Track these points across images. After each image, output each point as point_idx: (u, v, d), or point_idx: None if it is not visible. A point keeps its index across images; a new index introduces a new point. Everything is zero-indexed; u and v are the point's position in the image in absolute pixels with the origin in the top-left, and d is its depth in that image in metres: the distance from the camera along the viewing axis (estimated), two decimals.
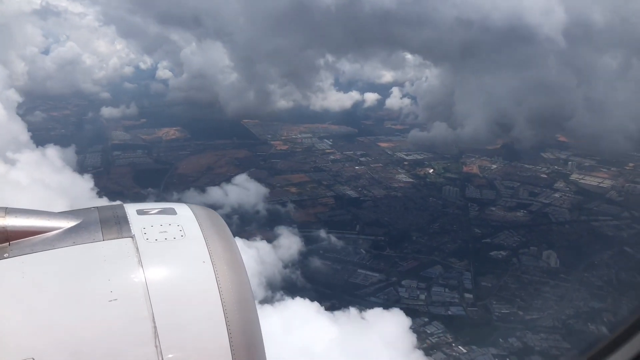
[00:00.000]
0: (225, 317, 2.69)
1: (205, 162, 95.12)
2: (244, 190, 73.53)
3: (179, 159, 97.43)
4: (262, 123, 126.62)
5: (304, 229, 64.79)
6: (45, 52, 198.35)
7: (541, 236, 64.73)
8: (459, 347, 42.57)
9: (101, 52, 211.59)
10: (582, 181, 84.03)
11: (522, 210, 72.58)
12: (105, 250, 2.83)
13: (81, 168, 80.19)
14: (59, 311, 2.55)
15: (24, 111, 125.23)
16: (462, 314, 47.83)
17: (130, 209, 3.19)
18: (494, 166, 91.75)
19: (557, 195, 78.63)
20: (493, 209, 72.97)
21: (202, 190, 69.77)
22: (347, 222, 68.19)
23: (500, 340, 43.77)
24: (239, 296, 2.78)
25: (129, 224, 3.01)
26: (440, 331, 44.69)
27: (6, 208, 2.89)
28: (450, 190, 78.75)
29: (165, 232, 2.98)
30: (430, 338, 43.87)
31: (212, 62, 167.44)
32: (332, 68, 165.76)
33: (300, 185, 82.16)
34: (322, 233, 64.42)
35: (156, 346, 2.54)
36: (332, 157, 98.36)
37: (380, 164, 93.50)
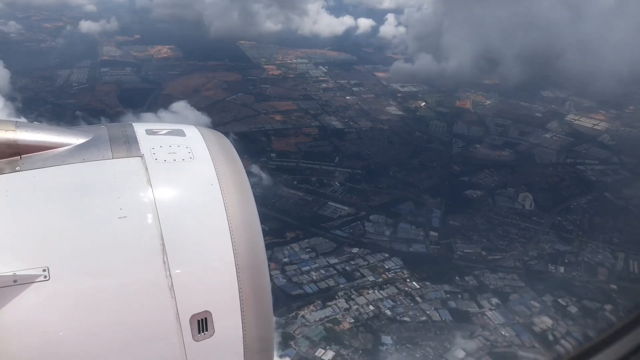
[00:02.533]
0: (231, 237, 2.77)
1: (193, 83, 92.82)
2: (182, 118, 71.64)
3: (168, 79, 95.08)
4: (258, 45, 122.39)
5: (281, 159, 64.16)
6: None
7: (522, 177, 63.58)
8: (413, 282, 42.83)
9: None
10: (576, 122, 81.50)
11: (507, 150, 70.96)
12: (115, 168, 2.89)
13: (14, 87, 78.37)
14: (70, 225, 2.63)
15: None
16: (423, 251, 47.77)
17: (140, 128, 3.24)
18: (488, 102, 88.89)
19: (547, 135, 76.56)
20: (478, 146, 71.35)
21: (138, 117, 67.33)
22: (327, 154, 67.13)
23: (457, 278, 43.96)
24: (244, 218, 2.86)
25: (138, 143, 3.05)
26: (397, 267, 44.81)
27: (16, 121, 2.95)
28: (437, 125, 76.87)
29: (174, 153, 3.03)
30: (386, 273, 44.07)
31: None
32: None
33: (285, 113, 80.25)
34: (299, 164, 63.71)
35: (164, 262, 2.64)
36: (324, 85, 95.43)
37: (373, 95, 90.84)
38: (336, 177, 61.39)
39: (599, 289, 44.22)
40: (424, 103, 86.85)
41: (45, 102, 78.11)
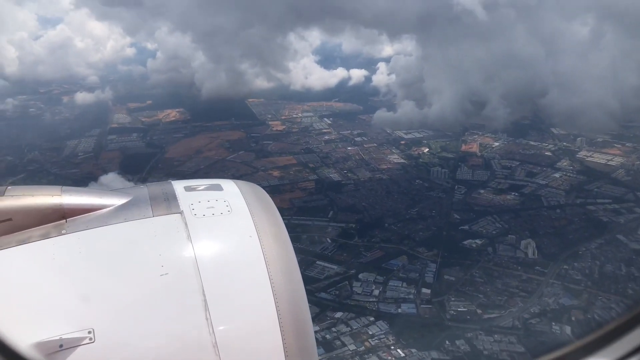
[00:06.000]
0: (273, 289, 2.77)
1: (196, 145, 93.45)
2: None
3: (172, 142, 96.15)
4: (266, 102, 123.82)
5: None
6: (35, 37, 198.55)
7: (527, 222, 59.73)
8: (398, 350, 39.27)
9: (96, 35, 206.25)
10: (589, 159, 77.42)
11: (513, 193, 67.35)
12: (155, 226, 2.94)
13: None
14: (114, 285, 2.68)
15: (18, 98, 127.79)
16: (413, 312, 44.20)
17: (178, 185, 3.33)
18: (496, 144, 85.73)
19: (557, 175, 72.65)
20: (481, 191, 67.99)
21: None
22: (321, 208, 65.09)
23: (447, 342, 40.16)
24: (285, 269, 2.88)
25: (177, 200, 3.12)
26: (382, 332, 41.37)
27: (62, 187, 3.06)
28: (439, 172, 74.10)
29: (212, 207, 3.06)
30: (370, 340, 40.67)
31: (179, 42, 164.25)
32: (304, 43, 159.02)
33: (284, 168, 79.30)
34: (291, 221, 61.71)
35: (207, 318, 2.64)
36: (327, 137, 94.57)
37: (375, 144, 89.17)
38: (328, 233, 59.02)
39: None
40: (427, 149, 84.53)
41: (48, 174, 79.48)
